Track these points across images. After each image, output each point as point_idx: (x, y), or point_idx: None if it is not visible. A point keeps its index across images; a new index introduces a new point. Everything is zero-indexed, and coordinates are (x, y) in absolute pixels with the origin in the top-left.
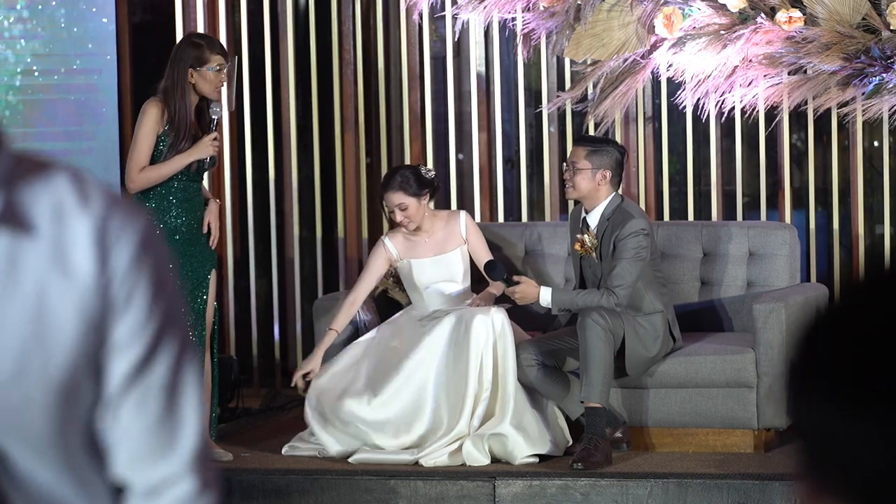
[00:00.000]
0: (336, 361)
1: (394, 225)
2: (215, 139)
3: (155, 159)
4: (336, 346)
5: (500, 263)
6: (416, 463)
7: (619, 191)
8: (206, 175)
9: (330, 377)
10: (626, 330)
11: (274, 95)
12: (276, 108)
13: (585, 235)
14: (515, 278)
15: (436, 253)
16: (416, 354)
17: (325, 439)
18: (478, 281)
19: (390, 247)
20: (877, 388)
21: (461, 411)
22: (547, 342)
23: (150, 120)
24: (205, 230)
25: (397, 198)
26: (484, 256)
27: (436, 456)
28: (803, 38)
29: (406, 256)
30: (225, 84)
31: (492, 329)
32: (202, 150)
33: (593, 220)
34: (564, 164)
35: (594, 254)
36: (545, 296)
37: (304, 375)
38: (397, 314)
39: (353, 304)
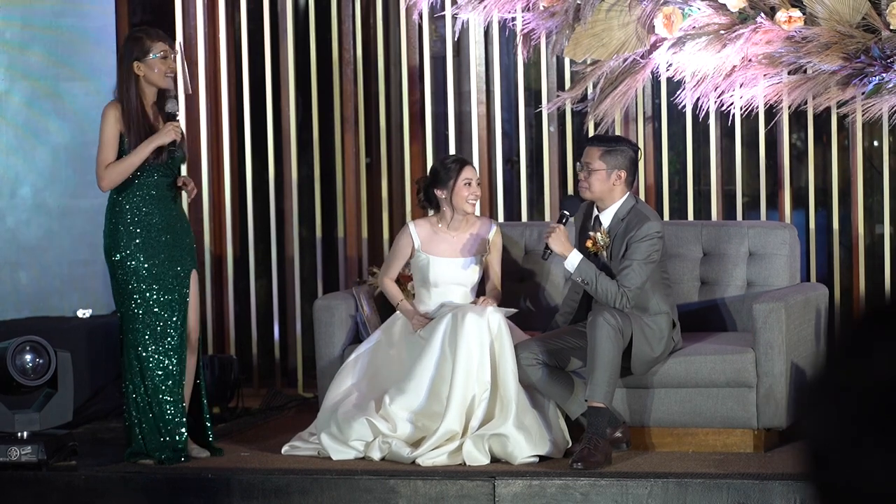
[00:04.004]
0: (342, 377)
1: (416, 215)
2: (176, 125)
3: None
4: (336, 351)
5: (576, 201)
6: (415, 462)
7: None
8: (183, 169)
9: (338, 395)
10: (634, 329)
11: (274, 95)
12: (276, 108)
13: (598, 233)
14: (566, 229)
15: (455, 255)
16: (416, 363)
17: (328, 443)
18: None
19: (414, 234)
20: (889, 414)
21: (452, 409)
22: (549, 341)
23: (109, 121)
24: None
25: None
26: (494, 271)
27: (434, 455)
28: (803, 37)
29: (426, 251)
30: (179, 70)
31: (487, 329)
32: (164, 135)
33: (606, 218)
34: (578, 164)
35: (605, 252)
36: (574, 259)
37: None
38: (395, 315)
39: (393, 280)
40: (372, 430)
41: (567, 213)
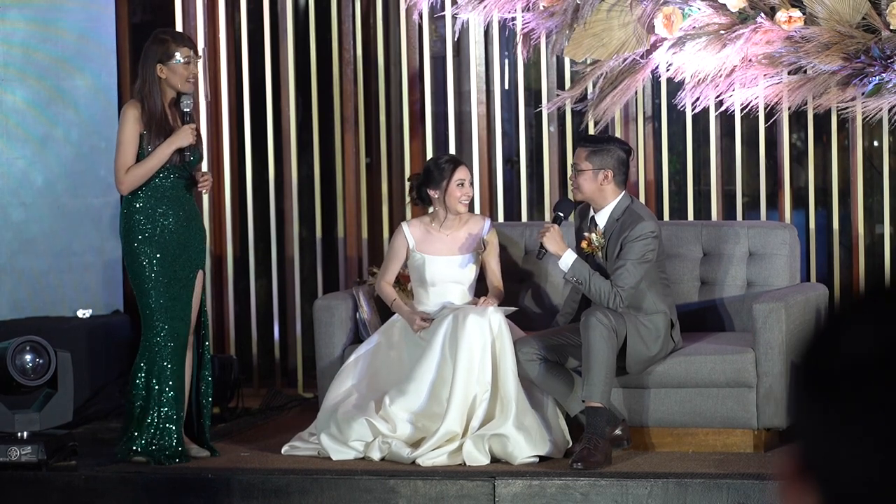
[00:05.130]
0: (342, 378)
1: (416, 215)
2: (193, 128)
3: (141, 159)
4: (336, 352)
5: (569, 203)
6: (415, 463)
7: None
8: (203, 167)
9: (338, 395)
10: (628, 328)
11: (274, 95)
12: (276, 108)
13: (593, 234)
14: (560, 228)
15: (451, 253)
16: (417, 364)
17: (328, 443)
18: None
19: (408, 234)
20: (871, 398)
21: (453, 410)
22: (549, 337)
23: (130, 121)
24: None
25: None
26: (492, 269)
27: (434, 456)
28: (803, 37)
29: (421, 250)
30: (199, 75)
31: (489, 329)
32: (182, 137)
33: (602, 219)
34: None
35: (600, 253)
36: (568, 258)
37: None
38: (395, 317)
39: (390, 283)
40: (372, 430)
41: (560, 215)
